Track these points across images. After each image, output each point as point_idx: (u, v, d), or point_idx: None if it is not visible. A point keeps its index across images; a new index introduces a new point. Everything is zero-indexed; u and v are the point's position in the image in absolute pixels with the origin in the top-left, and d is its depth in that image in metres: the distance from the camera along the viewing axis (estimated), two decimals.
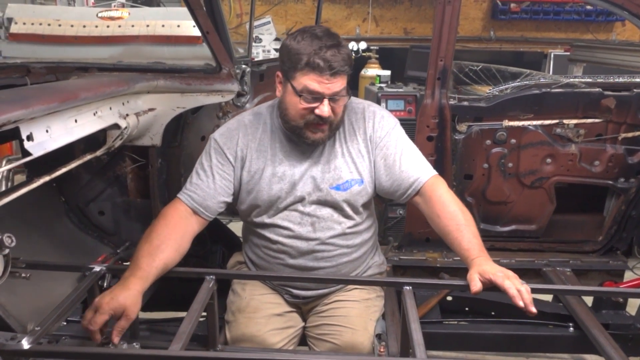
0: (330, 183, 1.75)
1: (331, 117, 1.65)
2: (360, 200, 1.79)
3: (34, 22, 3.77)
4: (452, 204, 1.70)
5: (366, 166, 1.79)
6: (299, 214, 1.77)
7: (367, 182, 1.78)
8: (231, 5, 5.95)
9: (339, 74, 1.59)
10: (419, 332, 1.38)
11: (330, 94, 1.61)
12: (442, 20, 2.10)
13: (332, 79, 1.58)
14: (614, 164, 2.28)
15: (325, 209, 1.77)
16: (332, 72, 1.57)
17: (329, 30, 1.66)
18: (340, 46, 1.61)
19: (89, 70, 2.10)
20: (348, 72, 1.63)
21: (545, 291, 1.95)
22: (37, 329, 1.35)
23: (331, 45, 1.58)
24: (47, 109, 1.41)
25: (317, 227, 1.77)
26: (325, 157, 1.77)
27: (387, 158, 1.77)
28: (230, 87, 2.15)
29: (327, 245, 1.78)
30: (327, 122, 1.66)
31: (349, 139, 1.79)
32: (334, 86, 1.60)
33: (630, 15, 2.03)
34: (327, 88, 1.59)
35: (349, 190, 1.76)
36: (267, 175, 1.76)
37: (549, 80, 2.28)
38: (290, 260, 1.80)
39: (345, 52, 1.61)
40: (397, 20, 6.31)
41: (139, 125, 2.01)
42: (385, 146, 1.78)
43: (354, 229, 1.81)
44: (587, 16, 6.18)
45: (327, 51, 1.57)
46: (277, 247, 1.81)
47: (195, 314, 1.47)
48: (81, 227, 2.33)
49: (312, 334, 1.84)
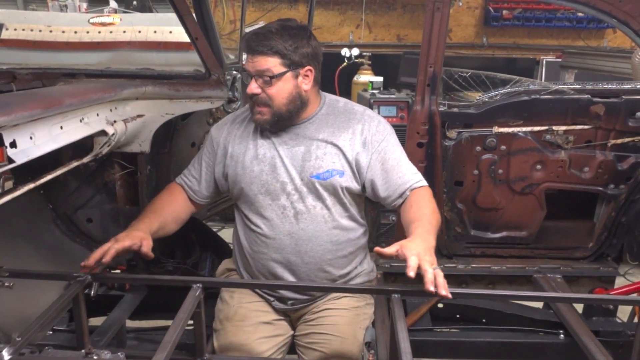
0: (310, 171, 1.77)
1: (262, 96, 1.73)
2: (341, 192, 1.79)
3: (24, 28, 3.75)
4: (427, 201, 1.75)
5: (349, 161, 1.79)
6: (281, 204, 1.79)
7: (347, 175, 1.79)
8: (224, 11, 5.95)
9: (258, 54, 1.70)
10: (407, 341, 1.36)
11: (253, 72, 1.72)
12: (431, 26, 2.10)
13: (255, 57, 1.71)
14: (603, 170, 2.28)
15: (307, 200, 1.78)
16: (252, 51, 1.71)
17: (288, 23, 1.76)
18: (274, 32, 1.70)
19: (76, 76, 2.08)
20: (269, 54, 1.69)
21: (536, 298, 1.95)
22: (19, 340, 1.33)
23: (266, 31, 1.71)
24: (30, 116, 1.39)
25: (300, 219, 1.78)
26: (306, 145, 1.80)
27: (385, 162, 1.80)
28: (219, 94, 2.15)
29: (310, 239, 1.78)
30: (261, 103, 1.75)
31: (338, 132, 1.80)
32: (257, 65, 1.71)
33: (619, 22, 2.04)
34: (251, 66, 1.72)
35: (329, 180, 1.77)
36: (248, 158, 1.83)
37: (538, 86, 2.28)
38: (273, 254, 1.80)
39: (275, 38, 1.69)
40: (390, 26, 6.33)
41: (127, 131, 1.99)
42: (383, 150, 1.80)
43: (338, 223, 1.81)
44: (579, 23, 6.22)
45: (258, 34, 1.71)
46: (260, 239, 1.81)
47: (180, 323, 1.44)
48: (69, 234, 2.31)
49: (301, 343, 1.83)
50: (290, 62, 1.71)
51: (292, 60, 1.71)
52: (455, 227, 2.39)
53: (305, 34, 1.75)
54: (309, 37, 1.76)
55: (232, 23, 5.93)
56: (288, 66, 1.71)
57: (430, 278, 1.39)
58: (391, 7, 6.27)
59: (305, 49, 1.73)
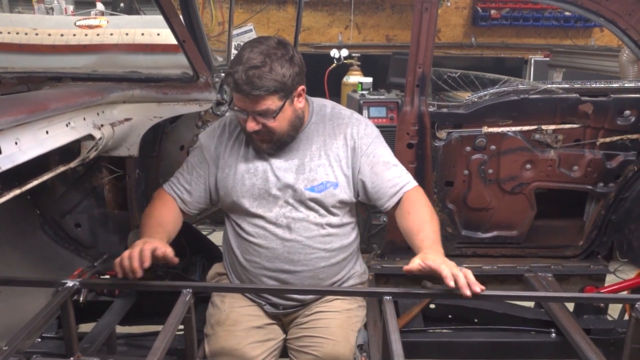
0: (305, 184, 1.76)
1: (263, 130, 1.69)
2: (335, 203, 1.79)
3: (10, 31, 3.70)
4: (424, 206, 1.75)
5: (343, 170, 1.79)
6: (274, 215, 1.77)
7: (342, 186, 1.79)
8: (213, 13, 5.92)
9: (256, 97, 1.62)
10: (399, 342, 1.36)
11: (252, 112, 1.66)
12: (419, 27, 2.10)
13: (250, 99, 1.63)
14: (592, 169, 2.29)
15: (300, 210, 1.77)
16: (248, 94, 1.61)
17: (266, 48, 1.63)
18: (263, 67, 1.59)
19: (63, 80, 2.06)
20: (268, 93, 1.62)
21: (528, 298, 1.96)
22: (6, 348, 1.31)
23: (252, 67, 1.59)
24: (15, 121, 1.37)
25: (293, 227, 1.77)
26: (300, 157, 1.79)
27: (374, 165, 1.80)
28: (207, 96, 2.13)
29: (303, 248, 1.77)
30: (262, 135, 1.71)
31: (329, 142, 1.80)
32: (254, 107, 1.64)
33: (606, 21, 2.05)
34: (248, 106, 1.65)
35: (324, 192, 1.77)
36: (240, 171, 1.80)
37: (527, 86, 2.29)
38: (266, 263, 1.79)
39: (269, 75, 1.60)
40: (379, 27, 6.34)
41: (114, 135, 1.97)
42: (372, 153, 1.80)
43: (331, 230, 1.80)
44: (566, 22, 6.26)
45: (246, 73, 1.59)
46: (253, 248, 1.80)
47: (171, 329, 1.43)
48: (57, 240, 2.28)
49: (293, 346, 1.82)
50: (285, 93, 1.66)
51: (287, 89, 1.65)
52: (446, 228, 2.39)
53: (287, 52, 1.65)
54: (292, 52, 1.67)
55: (221, 25, 5.90)
56: (285, 97, 1.66)
57: (464, 282, 1.47)
58: (380, 7, 6.28)
59: (293, 69, 1.65)
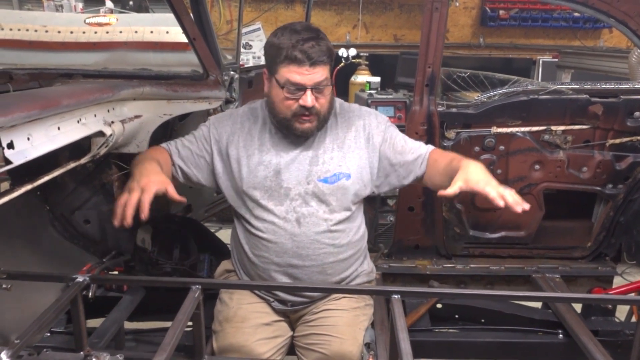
0: (318, 175, 1.77)
1: (316, 106, 1.69)
2: (348, 195, 1.79)
3: (20, 28, 3.72)
4: (449, 153, 1.87)
5: (356, 161, 1.81)
6: (284, 209, 1.77)
7: (354, 178, 1.80)
8: (221, 11, 5.94)
9: (318, 65, 1.64)
10: (407, 341, 1.36)
11: (311, 84, 1.66)
12: (429, 27, 2.10)
13: (311, 69, 1.64)
14: (601, 170, 2.28)
15: (311, 204, 1.77)
16: (311, 62, 1.63)
17: (309, 25, 1.74)
18: (319, 38, 1.67)
19: (73, 76, 2.07)
20: (327, 62, 1.67)
21: (535, 299, 1.95)
22: (17, 342, 1.32)
23: (308, 38, 1.64)
24: (28, 116, 1.38)
25: (302, 222, 1.77)
26: (314, 149, 1.80)
27: (395, 146, 1.86)
28: (217, 94, 2.14)
29: (312, 242, 1.77)
30: (313, 113, 1.71)
31: (342, 134, 1.82)
32: (315, 77, 1.65)
33: (617, 22, 2.04)
34: (308, 79, 1.65)
35: (337, 183, 1.78)
36: (253, 163, 1.80)
37: (536, 86, 2.28)
38: (275, 258, 1.79)
39: (324, 44, 1.66)
40: (387, 26, 6.33)
41: (124, 132, 1.98)
42: (390, 136, 1.86)
43: (340, 226, 1.80)
44: (575, 23, 6.24)
45: (304, 44, 1.63)
46: (262, 244, 1.80)
47: (180, 325, 1.44)
48: (66, 236, 2.29)
49: (300, 344, 1.83)
50: (331, 66, 1.70)
51: (333, 60, 1.70)
52: (453, 228, 2.39)
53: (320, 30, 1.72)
54: None
55: (229, 23, 5.92)
56: (331, 70, 1.70)
57: (513, 201, 1.55)
58: (388, 7, 6.28)
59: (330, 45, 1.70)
